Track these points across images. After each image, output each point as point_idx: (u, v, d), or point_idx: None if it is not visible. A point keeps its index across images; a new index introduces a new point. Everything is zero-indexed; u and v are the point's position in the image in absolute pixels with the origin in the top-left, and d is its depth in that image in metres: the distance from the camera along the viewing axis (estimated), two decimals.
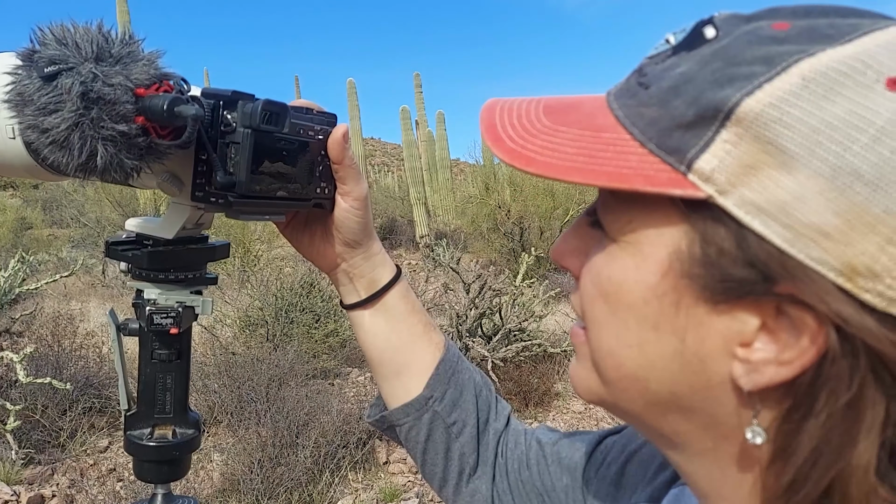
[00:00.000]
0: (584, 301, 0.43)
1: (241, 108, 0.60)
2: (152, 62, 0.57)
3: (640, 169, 0.35)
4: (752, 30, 0.35)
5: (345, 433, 3.86)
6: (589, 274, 0.42)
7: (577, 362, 0.46)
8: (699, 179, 0.34)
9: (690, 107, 0.35)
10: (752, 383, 0.35)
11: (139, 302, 0.72)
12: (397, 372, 0.75)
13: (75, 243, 11.67)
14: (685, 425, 0.40)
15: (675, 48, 0.38)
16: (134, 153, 0.57)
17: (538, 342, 5.29)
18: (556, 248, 0.47)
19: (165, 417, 0.74)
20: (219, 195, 0.62)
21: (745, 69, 0.34)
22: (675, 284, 0.37)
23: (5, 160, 0.69)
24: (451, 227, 15.26)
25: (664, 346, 0.38)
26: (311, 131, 0.66)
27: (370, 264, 0.75)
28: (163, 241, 0.70)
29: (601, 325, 0.41)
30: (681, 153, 0.34)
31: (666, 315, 0.37)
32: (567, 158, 0.38)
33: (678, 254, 0.36)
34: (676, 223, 0.36)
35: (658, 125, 0.36)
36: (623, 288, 0.39)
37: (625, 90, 0.40)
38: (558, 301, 7.29)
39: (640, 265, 0.38)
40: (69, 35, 0.55)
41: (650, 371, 0.39)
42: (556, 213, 11.41)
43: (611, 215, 0.40)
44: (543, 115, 0.42)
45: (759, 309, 0.35)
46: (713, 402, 0.38)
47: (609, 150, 0.37)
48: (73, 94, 0.53)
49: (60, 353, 4.47)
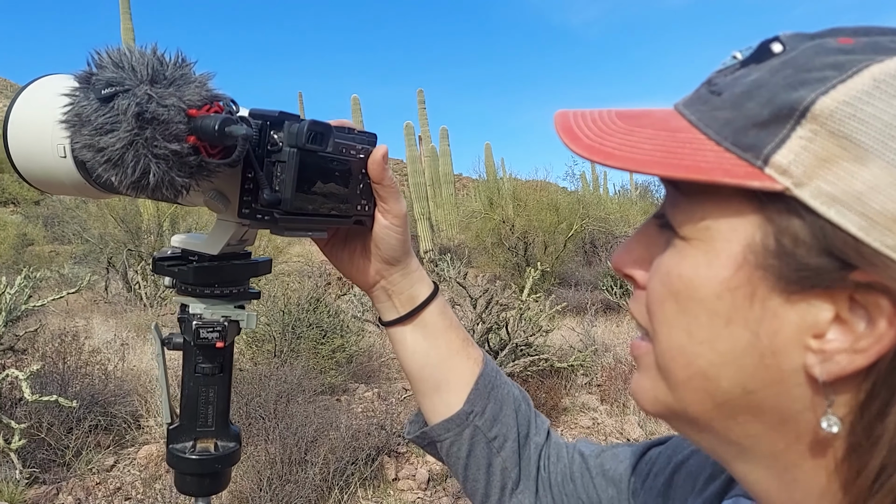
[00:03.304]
0: (651, 304, 0.43)
1: (287, 128, 0.61)
2: (203, 84, 0.59)
3: (718, 163, 0.37)
4: (819, 43, 0.38)
5: (354, 449, 3.85)
6: (658, 275, 0.42)
7: (639, 375, 0.46)
8: (776, 172, 0.35)
9: (765, 107, 0.36)
10: (827, 373, 0.36)
11: (184, 316, 0.72)
12: (437, 387, 0.75)
13: (78, 260, 11.68)
14: (756, 426, 0.40)
15: (744, 62, 0.40)
16: (185, 171, 0.58)
17: (545, 357, 5.29)
18: (619, 258, 0.47)
19: (207, 431, 0.75)
20: (265, 212, 0.63)
21: (817, 74, 0.36)
22: (749, 277, 0.37)
23: (56, 178, 0.70)
24: (455, 241, 15.29)
25: (737, 341, 0.38)
26: (352, 150, 0.67)
27: (408, 281, 0.76)
28: (208, 257, 0.71)
29: (671, 325, 0.41)
30: (757, 149, 0.36)
31: (739, 309, 0.38)
32: (646, 153, 0.39)
33: (752, 246, 0.37)
34: (749, 217, 0.37)
35: (733, 125, 0.37)
36: (695, 283, 0.39)
37: (695, 99, 0.41)
38: (564, 316, 7.30)
39: (713, 260, 0.39)
40: (125, 58, 0.56)
41: (722, 368, 0.39)
42: (560, 227, 11.44)
43: (681, 214, 0.41)
44: (617, 119, 0.43)
45: (832, 298, 0.36)
46: (786, 397, 0.38)
47: (686, 147, 0.38)
48: (128, 115, 0.54)
49: (65, 371, 4.46)
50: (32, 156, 0.71)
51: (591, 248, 12.71)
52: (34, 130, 0.70)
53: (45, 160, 0.71)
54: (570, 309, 8.14)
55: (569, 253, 11.68)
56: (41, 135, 0.70)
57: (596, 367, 6.03)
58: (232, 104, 0.62)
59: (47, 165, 0.71)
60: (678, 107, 0.42)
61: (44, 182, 0.75)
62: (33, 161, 0.72)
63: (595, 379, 5.92)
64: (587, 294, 9.11)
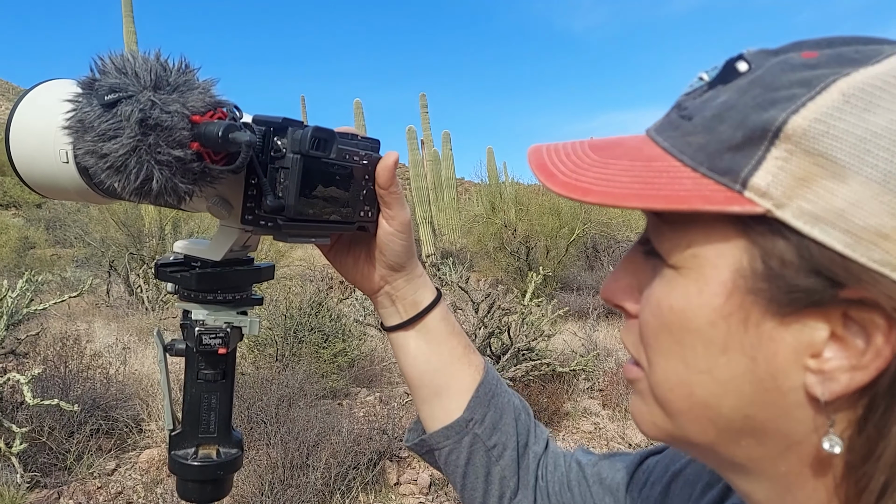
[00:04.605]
0: (645, 335, 0.42)
1: (290, 135, 0.61)
2: (207, 90, 0.58)
3: (696, 190, 0.36)
4: (784, 60, 0.38)
5: (355, 454, 3.84)
6: (648, 306, 0.42)
7: (636, 399, 0.45)
8: (756, 195, 0.35)
9: (738, 129, 0.36)
10: (828, 392, 0.35)
11: (187, 322, 0.72)
12: (437, 393, 0.75)
13: (79, 263, 11.69)
14: (759, 449, 0.40)
15: (711, 83, 0.40)
16: (188, 177, 0.58)
17: (547, 361, 5.28)
18: (607, 288, 0.47)
19: (209, 437, 0.74)
20: (268, 218, 0.63)
21: (785, 92, 0.36)
22: (741, 302, 0.37)
23: (58, 183, 0.70)
24: (457, 246, 15.28)
25: (735, 368, 0.38)
26: (356, 156, 0.67)
27: (412, 286, 0.76)
28: (210, 263, 0.71)
29: (667, 356, 0.41)
30: (734, 173, 0.36)
31: (734, 335, 0.38)
32: (623, 186, 0.39)
33: (741, 271, 0.37)
34: (735, 241, 0.37)
35: (707, 149, 0.37)
36: (687, 314, 0.39)
37: (666, 124, 0.41)
38: (566, 320, 7.29)
39: (703, 289, 0.38)
40: (129, 64, 0.56)
41: (722, 396, 0.39)
42: (562, 232, 11.43)
43: (667, 242, 0.40)
44: (591, 151, 0.43)
45: (826, 317, 0.36)
46: (787, 420, 0.38)
47: (663, 176, 0.38)
48: (131, 121, 0.54)
49: (67, 375, 4.45)
50: (35, 161, 0.71)
51: (594, 253, 12.69)
52: (37, 135, 0.70)
53: (47, 165, 0.71)
54: (572, 313, 8.13)
55: (571, 257, 11.67)
56: (44, 140, 0.70)
57: (598, 372, 6.02)
58: (235, 110, 0.62)
59: (49, 171, 0.71)
60: (650, 133, 0.42)
61: (46, 187, 0.75)
62: (35, 166, 0.72)
63: (597, 384, 5.91)
64: (589, 298, 9.09)
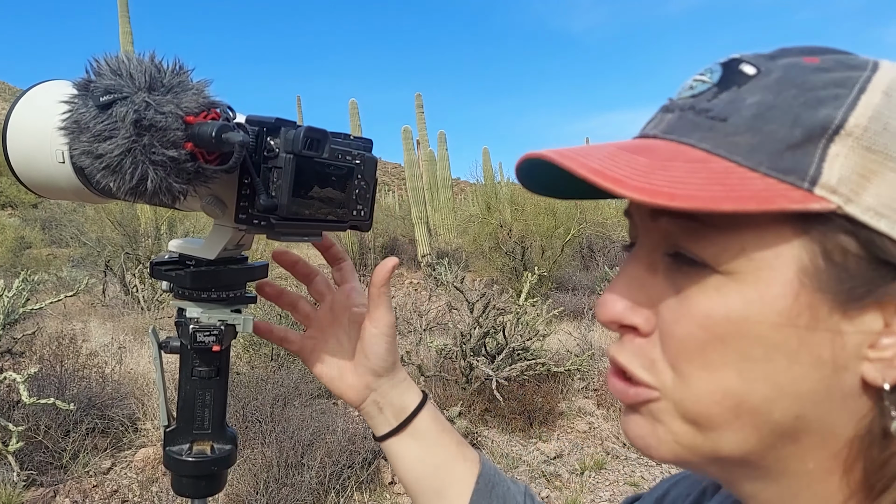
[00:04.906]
0: (684, 351, 0.39)
1: (283, 135, 0.62)
2: (201, 91, 0.59)
3: (772, 190, 0.35)
4: (794, 63, 0.39)
5: (350, 453, 3.85)
6: (690, 319, 0.39)
7: (643, 422, 0.42)
8: (827, 192, 0.35)
9: (794, 128, 0.36)
10: (891, 378, 0.36)
11: (181, 320, 0.73)
12: (438, 494, 0.75)
13: (75, 263, 11.67)
14: (792, 449, 0.39)
15: (720, 86, 0.40)
16: (182, 177, 0.59)
17: (542, 361, 5.29)
18: (609, 309, 0.43)
19: (204, 433, 0.75)
20: (261, 217, 0.64)
21: (827, 92, 0.37)
22: (809, 301, 0.37)
23: (54, 183, 0.71)
24: (453, 246, 15.28)
25: (798, 369, 0.37)
26: (349, 156, 0.68)
27: (398, 391, 0.77)
28: (205, 262, 0.72)
29: (714, 369, 0.38)
30: (800, 171, 0.36)
31: (801, 336, 0.37)
32: (701, 189, 0.36)
33: (805, 270, 0.36)
34: (792, 241, 0.36)
35: (764, 149, 0.37)
36: (749, 320, 0.37)
37: (691, 126, 0.40)
38: (561, 320, 7.30)
39: (766, 292, 0.37)
40: (123, 66, 0.57)
41: (778, 400, 0.38)
42: (558, 232, 11.44)
43: (714, 247, 0.38)
44: (631, 154, 0.39)
45: (881, 308, 0.36)
46: (837, 415, 0.38)
47: (731, 177, 0.36)
48: (126, 122, 0.55)
49: (63, 374, 4.46)
50: (31, 161, 0.72)
51: (589, 253, 12.71)
52: (33, 136, 0.71)
53: (43, 165, 0.72)
54: (567, 313, 8.14)
55: (566, 257, 11.68)
56: (40, 141, 0.71)
57: (593, 372, 6.03)
58: (229, 111, 0.62)
59: (46, 171, 0.72)
60: (671, 136, 0.40)
61: (42, 187, 0.76)
62: (32, 166, 0.73)
63: (592, 384, 5.92)
64: (584, 298, 9.11)
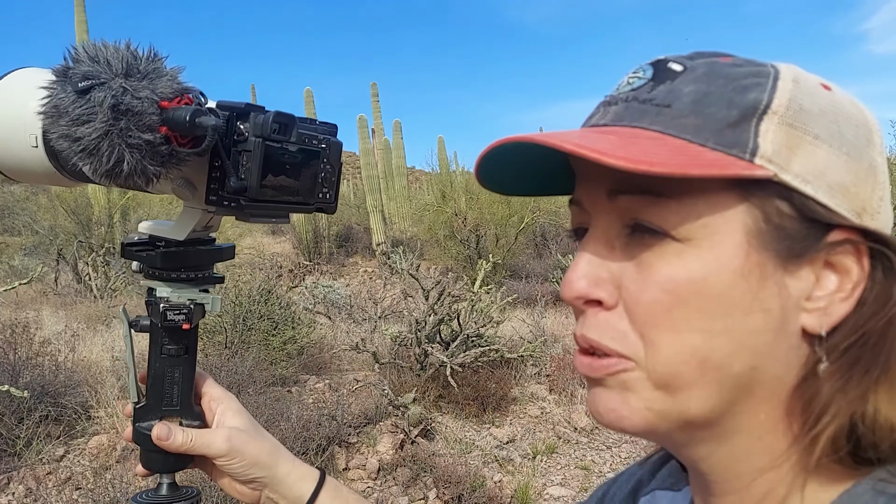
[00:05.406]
0: (650, 317, 0.42)
1: (253, 119, 0.65)
2: (174, 77, 0.62)
3: (722, 160, 0.40)
4: (713, 61, 0.44)
5: (304, 440, 3.87)
6: (654, 286, 0.42)
7: (614, 395, 0.44)
8: (765, 162, 0.40)
9: (731, 109, 0.41)
10: (827, 325, 0.41)
11: (151, 300, 0.75)
12: None
13: (28, 251, 11.34)
14: (748, 402, 0.43)
15: (655, 80, 0.45)
16: (156, 160, 0.61)
17: (496, 348, 5.37)
18: (573, 286, 0.45)
19: (172, 409, 0.77)
20: (231, 199, 0.66)
21: (749, 81, 0.42)
22: (758, 259, 0.41)
23: (26, 167, 0.73)
24: (408, 234, 15.30)
25: (753, 322, 0.41)
26: (314, 140, 0.70)
27: (286, 485, 0.78)
28: (174, 243, 0.74)
29: (680, 331, 0.41)
30: (742, 145, 0.40)
31: (753, 291, 0.41)
32: (671, 158, 0.39)
33: (751, 232, 0.41)
34: (737, 207, 0.41)
35: (708, 128, 0.41)
36: (708, 281, 0.41)
37: (640, 112, 0.44)
38: (514, 307, 7.41)
39: (720, 254, 0.41)
40: (101, 53, 0.59)
41: (736, 354, 0.41)
42: (512, 220, 11.57)
43: (673, 216, 0.41)
44: (601, 135, 0.43)
45: (811, 264, 0.42)
46: (782, 363, 0.42)
47: (688, 150, 0.40)
48: (104, 107, 0.58)
49: (16, 361, 4.37)
50: (4, 145, 0.73)
51: (542, 241, 12.90)
52: (6, 121, 0.72)
53: (16, 149, 0.73)
54: (520, 301, 8.26)
55: (520, 245, 11.83)
56: (13, 125, 0.72)
57: (545, 358, 6.15)
58: (201, 96, 0.65)
59: (19, 155, 0.73)
60: (624, 122, 0.44)
61: (13, 170, 0.77)
62: (5, 150, 0.74)
63: (544, 369, 6.05)
64: (537, 286, 9.25)
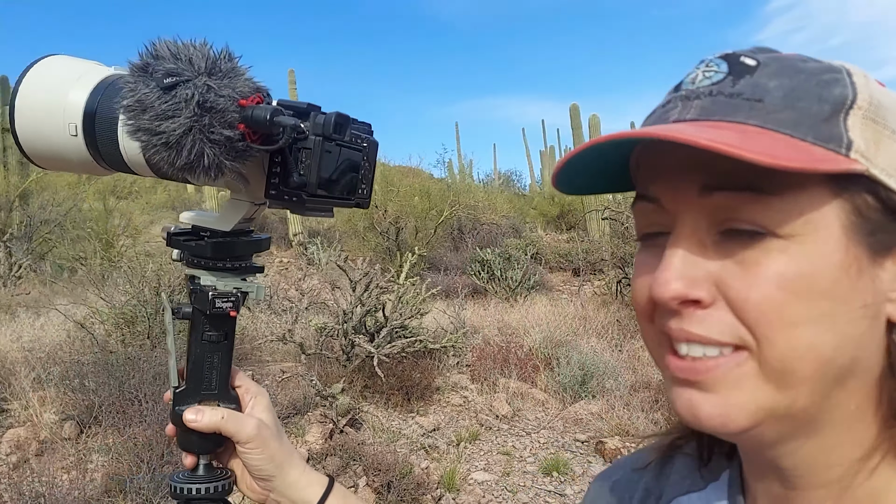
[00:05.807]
0: (765, 313, 0.41)
1: (313, 119, 0.68)
2: (250, 77, 0.66)
3: (829, 155, 0.40)
4: (778, 56, 0.45)
5: None
6: (766, 282, 0.41)
7: (720, 399, 0.44)
8: (859, 156, 0.41)
9: (823, 104, 0.42)
10: None
11: (195, 288, 0.78)
12: None
13: None
14: (841, 393, 0.44)
15: (733, 74, 0.44)
16: (231, 155, 0.65)
17: (420, 338, 5.45)
18: (671, 287, 0.43)
19: (211, 393, 0.80)
20: (293, 194, 0.70)
21: (829, 76, 0.43)
22: (855, 253, 0.42)
23: (62, 155, 0.74)
24: (325, 224, 15.10)
25: (853, 314, 0.42)
26: (359, 139, 0.75)
27: (294, 489, 0.80)
28: (220, 233, 0.77)
29: (795, 325, 0.41)
30: (837, 139, 0.41)
31: (853, 284, 0.41)
32: (794, 154, 0.39)
33: (846, 226, 0.41)
34: (832, 202, 0.41)
35: (805, 122, 0.41)
36: (815, 276, 0.41)
37: (731, 107, 0.43)
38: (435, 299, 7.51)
39: (823, 249, 0.41)
40: (182, 51, 0.62)
41: (841, 346, 0.42)
42: (431, 213, 11.66)
43: (775, 213, 0.41)
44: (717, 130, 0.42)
45: (894, 255, 0.43)
46: (874, 353, 0.43)
47: (798, 147, 0.40)
48: (191, 103, 0.61)
49: None
50: (40, 133, 0.74)
51: (459, 235, 13.07)
52: (44, 109, 0.73)
53: (52, 137, 0.74)
54: (440, 293, 8.38)
55: (438, 238, 11.94)
56: (52, 114, 0.73)
57: (466, 349, 6.29)
58: (268, 95, 0.69)
59: (54, 142, 0.74)
60: (714, 117, 0.43)
61: (44, 157, 0.77)
62: (41, 138, 0.74)
63: (465, 359, 6.18)
64: (456, 278, 9.41)
